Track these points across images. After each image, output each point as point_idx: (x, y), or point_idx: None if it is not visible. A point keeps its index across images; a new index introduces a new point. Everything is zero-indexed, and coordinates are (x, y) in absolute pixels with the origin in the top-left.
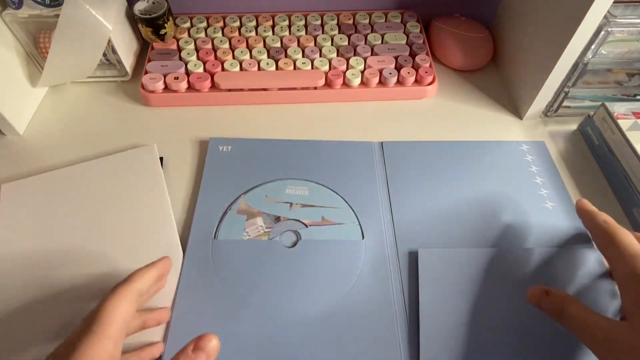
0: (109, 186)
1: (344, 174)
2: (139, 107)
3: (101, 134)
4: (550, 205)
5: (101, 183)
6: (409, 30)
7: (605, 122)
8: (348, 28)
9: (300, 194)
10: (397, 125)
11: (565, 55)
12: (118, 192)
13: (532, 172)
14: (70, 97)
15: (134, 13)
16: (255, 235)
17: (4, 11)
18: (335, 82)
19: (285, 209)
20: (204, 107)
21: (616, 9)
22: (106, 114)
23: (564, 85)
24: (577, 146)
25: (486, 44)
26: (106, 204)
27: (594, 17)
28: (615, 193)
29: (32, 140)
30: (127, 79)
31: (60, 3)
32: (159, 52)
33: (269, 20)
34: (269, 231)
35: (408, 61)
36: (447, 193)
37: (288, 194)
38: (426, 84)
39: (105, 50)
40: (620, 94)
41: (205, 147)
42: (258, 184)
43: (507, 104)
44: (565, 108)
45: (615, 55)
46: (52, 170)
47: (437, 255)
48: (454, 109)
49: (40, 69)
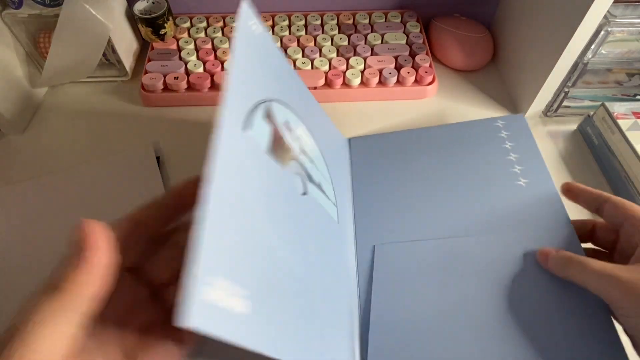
0: (103, 190)
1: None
2: (139, 107)
3: (101, 133)
4: (523, 182)
5: (94, 187)
6: (408, 30)
7: (605, 122)
8: (348, 28)
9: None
10: (397, 125)
11: (565, 55)
12: (114, 196)
13: (506, 149)
14: (70, 97)
15: (134, 13)
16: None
17: (4, 11)
18: (335, 82)
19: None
20: (204, 107)
21: (616, 9)
22: (106, 114)
23: (564, 85)
24: (577, 146)
25: (486, 44)
26: (101, 209)
27: (594, 17)
28: (615, 193)
29: (32, 140)
30: (127, 79)
31: (60, 3)
32: (159, 52)
33: (269, 20)
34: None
35: (408, 61)
36: (416, 182)
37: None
38: (426, 84)
39: (105, 50)
40: (620, 94)
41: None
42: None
43: (507, 104)
44: (565, 108)
45: (615, 55)
46: (52, 171)
47: (393, 249)
48: (454, 109)
49: (40, 69)
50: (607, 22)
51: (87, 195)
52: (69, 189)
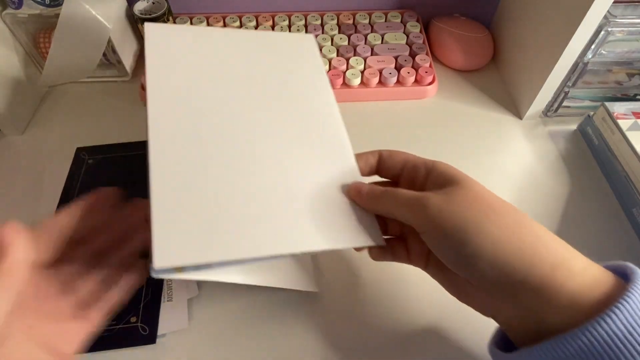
0: (268, 65)
1: None
2: (139, 107)
3: (101, 134)
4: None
5: (260, 58)
6: (409, 30)
7: (605, 122)
8: (348, 28)
9: None
10: (397, 125)
11: (565, 55)
12: (279, 75)
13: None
14: (70, 97)
15: (134, 13)
16: None
17: (4, 11)
18: (335, 82)
19: None
20: None
21: (616, 9)
22: (106, 114)
23: (564, 85)
24: (577, 146)
25: (486, 44)
26: (265, 83)
27: (594, 17)
28: (615, 193)
29: (32, 140)
30: (127, 79)
31: (60, 3)
32: None
33: (269, 20)
34: None
35: (408, 61)
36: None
37: None
38: (426, 84)
39: (105, 50)
40: (620, 94)
41: None
42: None
43: (507, 104)
44: (565, 108)
45: (615, 55)
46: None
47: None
48: (454, 109)
49: (40, 69)
50: (607, 22)
51: (252, 65)
52: (229, 50)
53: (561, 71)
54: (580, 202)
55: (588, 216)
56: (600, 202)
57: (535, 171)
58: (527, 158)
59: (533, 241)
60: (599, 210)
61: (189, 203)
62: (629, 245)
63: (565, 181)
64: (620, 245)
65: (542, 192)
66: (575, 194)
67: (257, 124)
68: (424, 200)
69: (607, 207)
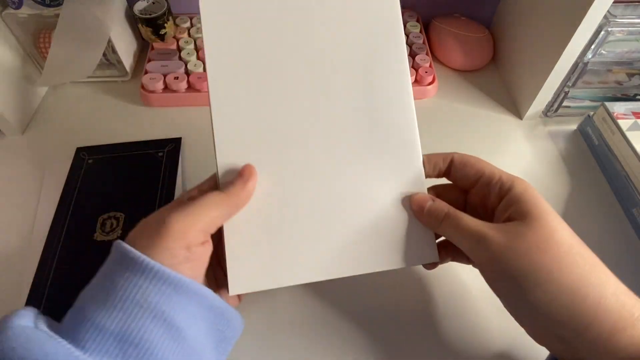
0: (337, 30)
1: None
2: (139, 107)
3: (101, 134)
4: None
5: (326, 21)
6: (409, 30)
7: (605, 122)
8: None
9: None
10: None
11: (565, 55)
12: (349, 47)
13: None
14: (70, 97)
15: (134, 13)
16: None
17: (4, 11)
18: None
19: None
20: (204, 107)
21: (616, 8)
22: (106, 114)
23: (564, 85)
24: (577, 146)
25: (486, 44)
26: (332, 58)
27: (594, 17)
28: (615, 193)
29: (32, 140)
30: (127, 79)
31: (60, 3)
32: (159, 52)
33: None
34: None
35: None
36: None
37: None
38: (426, 84)
39: (105, 50)
40: (620, 94)
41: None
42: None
43: (507, 104)
44: (565, 108)
45: (615, 55)
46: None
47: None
48: (454, 109)
49: (40, 69)
50: (607, 22)
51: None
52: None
53: (561, 71)
54: (580, 202)
55: (588, 216)
56: (600, 202)
57: (535, 171)
58: (527, 158)
59: (595, 303)
60: (598, 210)
61: (257, 229)
62: (629, 245)
63: (565, 181)
64: (620, 245)
65: (542, 192)
66: (575, 194)
67: (320, 116)
68: (487, 238)
69: (607, 207)
